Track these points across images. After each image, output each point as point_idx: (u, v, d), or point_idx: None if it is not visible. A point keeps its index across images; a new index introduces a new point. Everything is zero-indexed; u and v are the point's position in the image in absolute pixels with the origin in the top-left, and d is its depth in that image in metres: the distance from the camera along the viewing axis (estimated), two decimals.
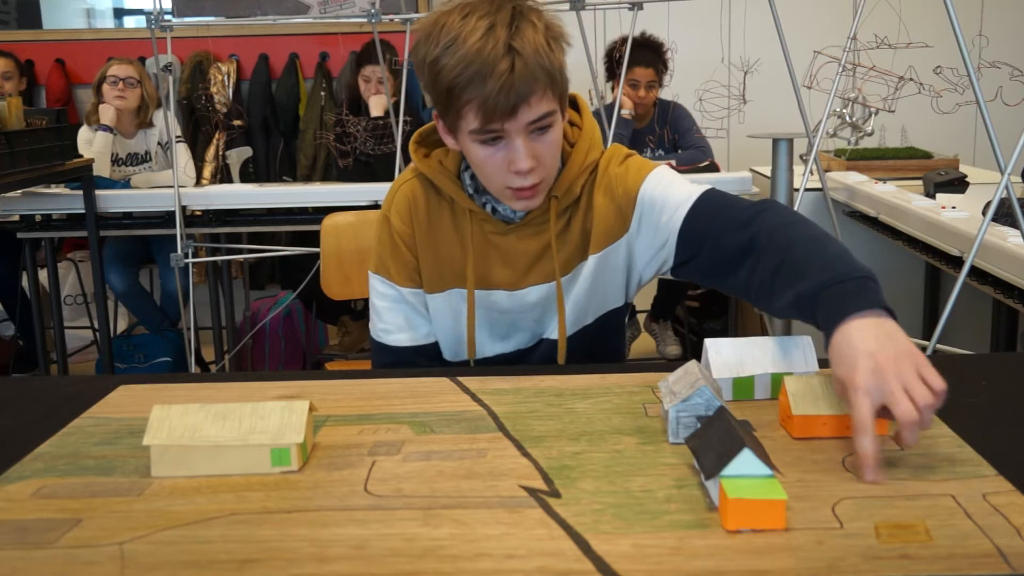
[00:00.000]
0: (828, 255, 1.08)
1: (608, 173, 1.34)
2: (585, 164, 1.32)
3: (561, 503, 0.84)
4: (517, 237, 1.35)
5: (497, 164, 1.22)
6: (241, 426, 0.94)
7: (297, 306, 3.93)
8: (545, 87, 1.17)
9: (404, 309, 1.40)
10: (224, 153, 4.52)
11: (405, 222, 1.38)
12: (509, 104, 1.15)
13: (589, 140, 1.33)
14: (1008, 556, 0.72)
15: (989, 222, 1.82)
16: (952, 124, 4.01)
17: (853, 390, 0.91)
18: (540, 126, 1.20)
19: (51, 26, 4.87)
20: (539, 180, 1.23)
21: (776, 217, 1.20)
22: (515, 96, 1.14)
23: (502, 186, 1.25)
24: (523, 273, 1.36)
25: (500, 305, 1.38)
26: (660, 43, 3.79)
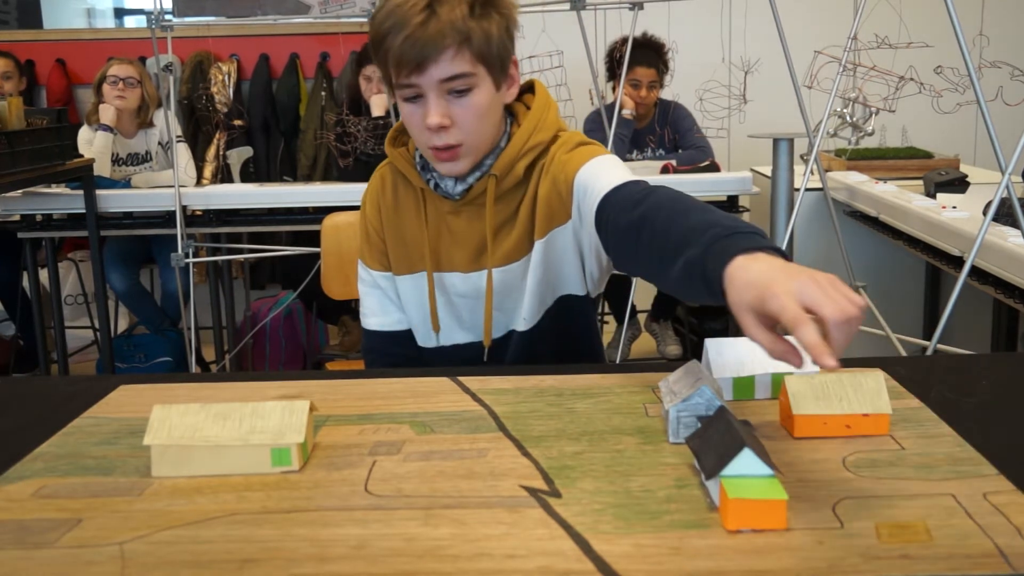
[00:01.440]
0: (714, 219, 1.02)
1: (556, 159, 1.33)
2: (528, 145, 1.32)
3: (561, 503, 0.84)
4: (467, 218, 1.37)
5: (418, 122, 1.26)
6: (241, 426, 0.94)
7: (297, 306, 3.94)
8: (459, 47, 1.21)
9: (377, 294, 1.47)
10: (224, 153, 4.52)
11: (374, 208, 1.44)
12: (416, 56, 1.19)
13: (536, 122, 1.34)
14: (1009, 556, 0.72)
15: (990, 222, 1.82)
16: (953, 124, 4.01)
17: (773, 295, 0.83)
18: (456, 87, 1.23)
19: (51, 26, 4.87)
20: (456, 142, 1.26)
21: (665, 195, 1.15)
22: (422, 49, 1.19)
23: (425, 146, 1.28)
24: (475, 255, 1.38)
25: (457, 288, 1.41)
26: (661, 43, 3.79)
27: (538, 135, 1.34)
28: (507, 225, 1.37)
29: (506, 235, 1.37)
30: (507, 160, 1.32)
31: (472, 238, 1.37)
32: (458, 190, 1.35)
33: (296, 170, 4.61)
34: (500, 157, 1.32)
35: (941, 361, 1.48)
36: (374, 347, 1.48)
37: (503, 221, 1.37)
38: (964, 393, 1.11)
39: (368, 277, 1.47)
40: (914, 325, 3.32)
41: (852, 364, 1.21)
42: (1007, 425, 1.02)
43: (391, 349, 1.47)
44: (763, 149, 3.17)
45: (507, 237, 1.37)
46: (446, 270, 1.40)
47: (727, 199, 3.43)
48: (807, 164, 2.63)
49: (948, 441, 0.96)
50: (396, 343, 1.47)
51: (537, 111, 1.35)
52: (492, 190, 1.33)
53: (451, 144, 1.26)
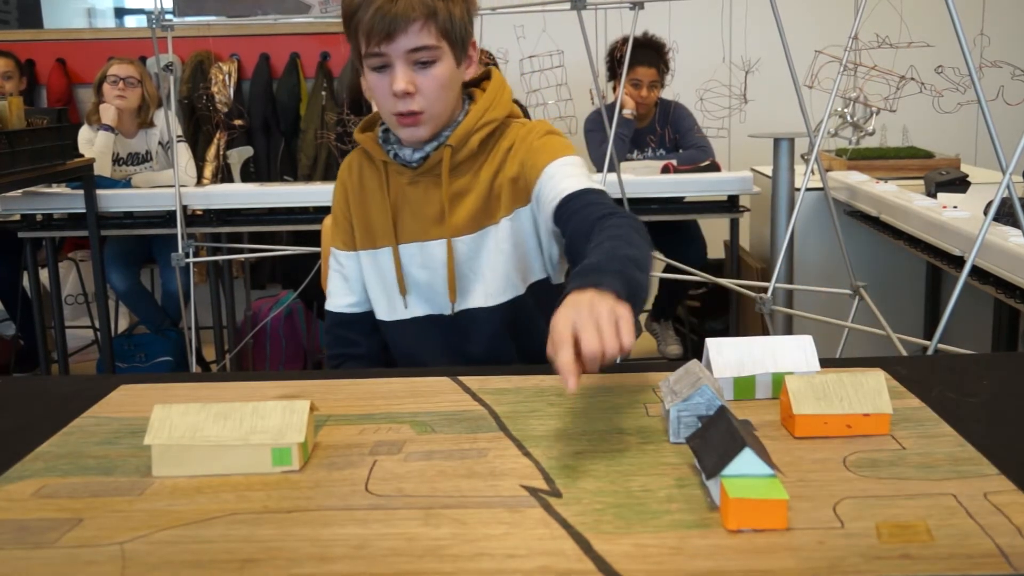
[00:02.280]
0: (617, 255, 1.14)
1: (527, 143, 1.43)
2: (483, 120, 1.43)
3: (562, 503, 0.84)
4: (424, 188, 1.45)
5: (384, 90, 1.35)
6: (242, 426, 0.94)
7: (298, 306, 3.93)
8: (426, 21, 1.31)
9: (336, 276, 1.55)
10: (225, 153, 4.52)
11: (342, 192, 1.54)
12: (386, 27, 1.30)
13: (491, 100, 1.45)
14: (1009, 556, 0.72)
15: (990, 222, 1.82)
16: (953, 123, 4.01)
17: (556, 318, 0.97)
18: (421, 59, 1.33)
19: (52, 25, 4.87)
20: (419, 109, 1.36)
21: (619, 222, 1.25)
22: (391, 20, 1.30)
23: (390, 113, 1.38)
24: (431, 225, 1.46)
25: (415, 259, 1.48)
26: (662, 43, 3.79)
27: (492, 112, 1.44)
28: (464, 196, 1.45)
29: (462, 206, 1.44)
30: (462, 132, 1.42)
31: (428, 208, 1.45)
32: (416, 158, 1.43)
33: (296, 170, 4.61)
34: (456, 129, 1.42)
35: (942, 361, 1.48)
36: (329, 328, 1.58)
37: (459, 192, 1.45)
38: (965, 393, 1.11)
39: (334, 262, 1.56)
40: (915, 325, 3.32)
41: (853, 364, 1.21)
42: (1008, 425, 1.02)
43: (340, 331, 1.56)
44: (764, 149, 3.17)
45: (463, 208, 1.44)
46: (405, 241, 1.48)
47: (728, 199, 3.43)
48: (808, 164, 2.63)
49: (949, 441, 0.96)
50: (345, 325, 1.55)
51: (492, 91, 1.46)
52: (447, 160, 1.42)
53: (414, 110, 1.36)
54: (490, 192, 1.43)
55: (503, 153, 1.44)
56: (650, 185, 3.41)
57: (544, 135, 1.44)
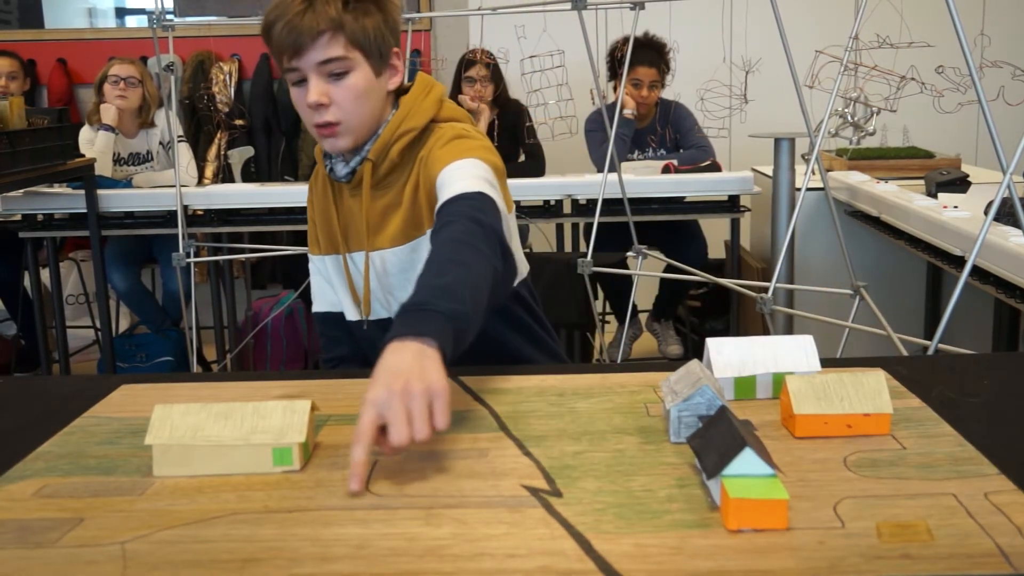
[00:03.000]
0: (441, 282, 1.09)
1: (431, 153, 1.41)
2: (400, 131, 1.42)
3: (563, 503, 0.84)
4: (359, 200, 1.46)
5: (302, 103, 1.37)
6: (243, 426, 0.94)
7: (299, 305, 3.93)
8: (333, 33, 1.33)
9: (318, 279, 1.59)
10: (226, 153, 4.52)
11: (309, 200, 1.58)
12: (294, 41, 1.32)
13: (408, 109, 1.44)
14: (1009, 555, 0.72)
15: (991, 222, 1.82)
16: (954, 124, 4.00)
17: (363, 402, 0.92)
18: (333, 70, 1.35)
19: (53, 25, 4.87)
20: (335, 120, 1.36)
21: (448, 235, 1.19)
22: (298, 35, 1.32)
23: (311, 125, 1.39)
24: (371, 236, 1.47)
25: (359, 267, 1.50)
26: (663, 43, 3.79)
27: (409, 121, 1.43)
28: (393, 209, 1.45)
29: (391, 218, 1.45)
30: (380, 145, 1.42)
31: (363, 219, 1.47)
32: (344, 173, 1.45)
33: (297, 170, 4.61)
34: (375, 143, 1.42)
35: (942, 361, 1.48)
36: (319, 330, 1.62)
37: (388, 204, 1.45)
38: (965, 393, 1.11)
39: (312, 267, 1.59)
40: (915, 325, 3.32)
41: (853, 364, 1.21)
42: (1008, 425, 1.02)
43: (326, 330, 1.59)
44: (764, 149, 3.17)
45: (392, 220, 1.45)
46: (355, 250, 1.51)
47: (728, 199, 3.43)
48: (808, 164, 2.63)
49: (949, 441, 0.96)
50: (329, 324, 1.59)
51: (410, 99, 1.45)
52: (368, 174, 1.43)
53: (330, 121, 1.37)
54: (414, 203, 1.43)
55: (419, 163, 1.43)
56: (651, 185, 3.41)
57: (448, 141, 1.40)
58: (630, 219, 3.04)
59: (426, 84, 1.48)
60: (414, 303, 1.05)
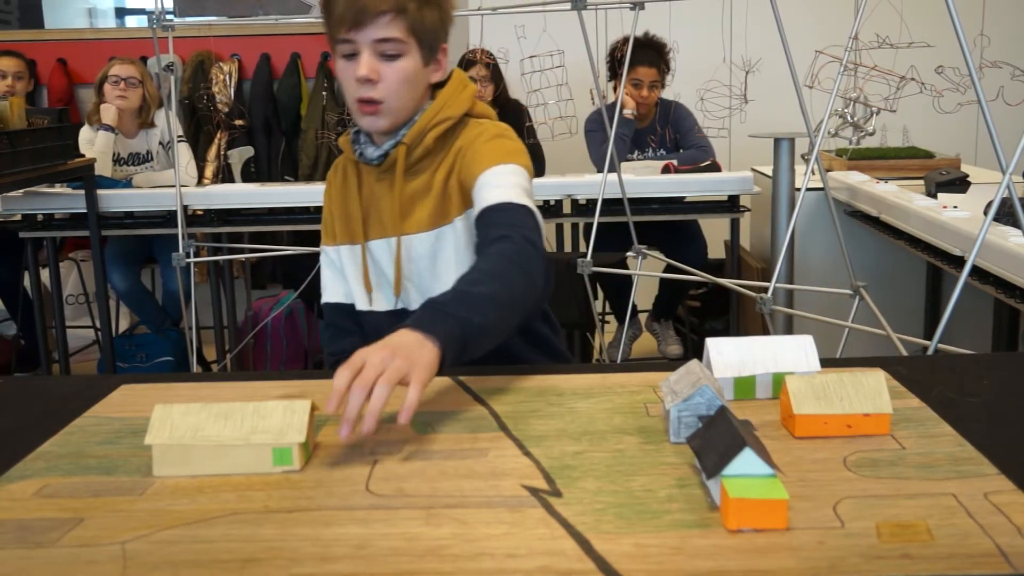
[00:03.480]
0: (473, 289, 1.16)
1: (473, 147, 1.44)
2: (437, 118, 1.46)
3: (563, 503, 0.84)
4: (388, 185, 1.48)
5: (350, 76, 1.40)
6: (243, 426, 0.94)
7: (298, 305, 3.93)
8: (395, 16, 1.36)
9: (328, 271, 1.60)
10: (226, 153, 4.52)
11: (328, 192, 1.60)
12: (356, 15, 1.35)
13: (446, 99, 1.48)
14: (1009, 555, 0.72)
15: (990, 222, 1.82)
16: (953, 124, 4.00)
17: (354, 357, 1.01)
18: (387, 51, 1.38)
19: (53, 26, 4.88)
20: (380, 98, 1.39)
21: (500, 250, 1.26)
22: (362, 10, 1.35)
23: (353, 99, 1.41)
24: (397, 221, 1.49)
25: (382, 254, 1.51)
26: (663, 43, 3.79)
27: (447, 111, 1.47)
28: (423, 194, 1.47)
29: (421, 203, 1.47)
30: (417, 130, 1.45)
31: (392, 205, 1.49)
32: (376, 156, 1.47)
33: (297, 170, 4.61)
34: (412, 127, 1.45)
35: (942, 361, 1.48)
36: (328, 321, 1.62)
37: (418, 190, 1.48)
38: (965, 393, 1.11)
39: (325, 258, 1.61)
40: (915, 325, 3.32)
41: (853, 364, 1.21)
42: (1008, 425, 1.03)
43: (336, 320, 1.60)
44: (764, 149, 3.17)
45: (422, 205, 1.47)
46: (376, 237, 1.52)
47: (728, 199, 3.43)
48: (808, 164, 2.63)
49: (949, 441, 0.96)
50: (339, 314, 1.59)
51: (449, 90, 1.49)
52: (402, 157, 1.45)
53: (374, 99, 1.39)
54: (444, 191, 1.46)
55: (453, 155, 1.46)
56: (650, 185, 3.41)
57: (491, 139, 1.44)
58: (630, 219, 3.04)
59: (462, 79, 1.52)
60: (436, 302, 1.12)
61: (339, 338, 1.59)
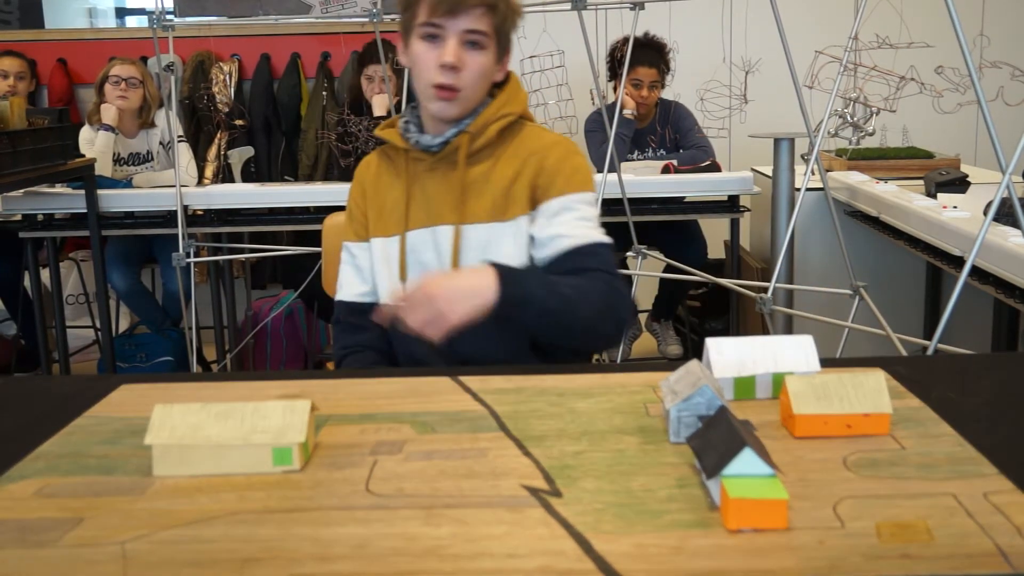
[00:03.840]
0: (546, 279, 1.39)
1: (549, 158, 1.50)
2: (501, 112, 1.52)
3: (562, 502, 0.84)
4: (442, 174, 1.52)
5: (430, 60, 1.44)
6: (243, 425, 0.94)
7: (298, 306, 3.93)
8: (486, 10, 1.43)
9: (350, 269, 1.62)
10: (226, 153, 4.52)
11: (359, 188, 1.62)
12: (452, 3, 1.41)
13: (509, 96, 1.54)
14: (1009, 555, 0.72)
15: (990, 222, 1.82)
16: (953, 124, 4.01)
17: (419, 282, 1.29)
18: (473, 40, 1.44)
19: (53, 26, 4.87)
20: (459, 86, 1.44)
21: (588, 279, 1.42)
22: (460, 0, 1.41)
23: (429, 83, 1.45)
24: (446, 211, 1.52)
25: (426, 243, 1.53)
26: (663, 43, 3.78)
27: (509, 106, 1.53)
28: (480, 186, 1.51)
29: (479, 195, 1.51)
30: (482, 121, 1.50)
31: (445, 194, 1.52)
32: (436, 142, 1.51)
33: (297, 170, 4.61)
34: (476, 118, 1.50)
35: (942, 361, 1.48)
36: (338, 318, 1.63)
37: (475, 181, 1.51)
38: (965, 393, 1.11)
39: (344, 254, 1.63)
40: (914, 325, 3.32)
41: (852, 364, 1.21)
42: (1007, 425, 1.03)
43: (349, 318, 1.61)
44: (764, 149, 3.17)
45: (481, 197, 1.50)
46: (417, 227, 1.54)
47: (728, 199, 3.43)
48: (808, 164, 2.63)
49: (949, 441, 0.96)
50: (356, 313, 1.60)
51: (510, 89, 1.56)
52: (466, 146, 1.50)
53: (454, 86, 1.44)
54: (508, 190, 1.50)
55: (523, 156, 1.51)
56: (650, 185, 3.41)
57: (569, 156, 1.52)
58: (630, 219, 3.04)
59: (518, 82, 1.59)
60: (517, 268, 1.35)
61: (351, 334, 1.60)
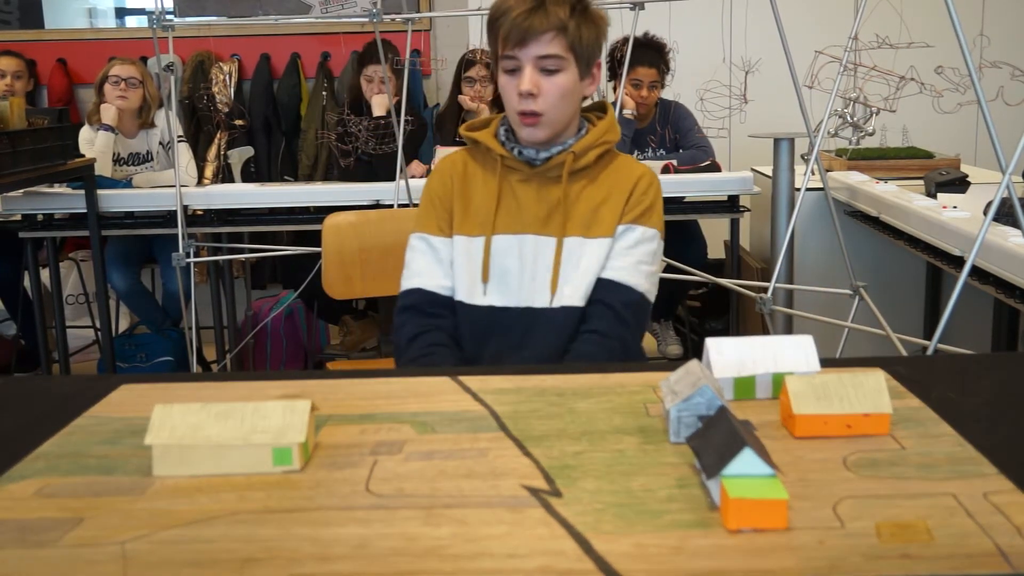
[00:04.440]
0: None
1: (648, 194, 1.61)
2: (603, 139, 1.61)
3: (562, 503, 0.84)
4: (536, 186, 1.60)
5: (512, 89, 1.53)
6: (243, 425, 0.94)
7: (298, 306, 3.93)
8: (556, 34, 1.49)
9: (427, 258, 1.65)
10: (226, 153, 4.52)
11: (444, 182, 1.67)
12: (521, 34, 1.48)
13: (609, 125, 1.63)
14: (1009, 555, 0.72)
15: (990, 222, 1.82)
16: (953, 124, 4.00)
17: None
18: (548, 66, 1.51)
19: (53, 26, 4.87)
20: (540, 111, 1.52)
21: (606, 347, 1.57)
22: (527, 29, 1.48)
23: (514, 111, 1.54)
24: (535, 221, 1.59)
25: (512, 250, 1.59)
26: (662, 43, 3.78)
27: (609, 135, 1.62)
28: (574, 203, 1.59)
29: (567, 210, 1.59)
30: (586, 144, 1.59)
31: (538, 206, 1.60)
32: (541, 156, 1.59)
33: (297, 170, 4.61)
34: (581, 140, 1.59)
35: (942, 361, 1.48)
36: (414, 304, 1.64)
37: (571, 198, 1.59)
38: (965, 393, 1.11)
39: (421, 244, 1.66)
40: (914, 325, 3.32)
41: (852, 364, 1.21)
42: (1008, 425, 1.03)
43: (427, 308, 1.63)
44: (764, 149, 3.17)
45: (569, 213, 1.59)
46: (504, 232, 1.60)
47: (728, 199, 3.43)
48: (808, 164, 2.63)
49: (949, 441, 0.96)
50: (436, 304, 1.63)
51: (610, 120, 1.65)
52: (569, 164, 1.58)
53: (535, 111, 1.52)
54: (597, 209, 1.59)
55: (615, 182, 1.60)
56: None
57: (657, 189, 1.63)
58: None
59: (613, 113, 1.67)
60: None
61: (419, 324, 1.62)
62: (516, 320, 1.60)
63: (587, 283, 1.59)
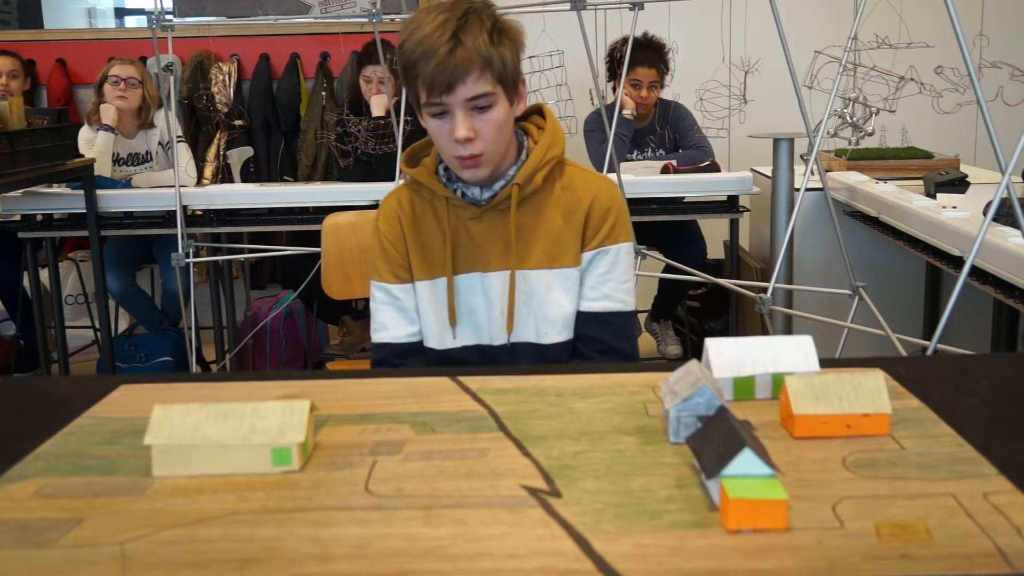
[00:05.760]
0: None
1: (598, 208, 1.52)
2: (546, 158, 1.51)
3: (562, 503, 0.84)
4: (488, 222, 1.52)
5: (444, 135, 1.43)
6: (242, 426, 0.94)
7: (298, 306, 3.93)
8: (482, 71, 1.39)
9: (390, 309, 1.58)
10: (225, 153, 4.52)
11: (392, 224, 1.58)
12: (446, 81, 1.37)
13: (551, 138, 1.53)
14: (1009, 556, 0.72)
15: (990, 222, 1.82)
16: (953, 124, 4.01)
17: None
18: (479, 104, 1.41)
19: (52, 26, 4.87)
20: (479, 152, 1.43)
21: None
22: (451, 74, 1.37)
23: (451, 156, 1.45)
24: (494, 257, 1.52)
25: (475, 288, 1.54)
26: (662, 43, 3.79)
27: (552, 150, 1.52)
28: (531, 232, 1.52)
29: (531, 242, 1.52)
30: (528, 171, 1.50)
31: (493, 242, 1.52)
32: (485, 196, 1.51)
33: (296, 170, 4.61)
34: (522, 168, 1.50)
35: (941, 361, 1.48)
36: (384, 359, 1.58)
37: (525, 227, 1.52)
38: (964, 393, 1.11)
39: (381, 294, 1.58)
40: (914, 325, 3.32)
41: (852, 364, 1.21)
42: (1007, 425, 1.03)
43: (399, 361, 1.57)
44: (763, 149, 3.17)
45: (532, 244, 1.52)
46: (464, 271, 1.53)
47: (727, 199, 3.44)
48: (807, 164, 2.63)
49: (948, 441, 0.96)
50: (405, 355, 1.57)
51: (550, 129, 1.54)
52: (515, 197, 1.49)
53: (475, 154, 1.43)
54: (557, 237, 1.52)
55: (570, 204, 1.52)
56: (650, 185, 3.41)
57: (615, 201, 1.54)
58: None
59: (554, 119, 1.57)
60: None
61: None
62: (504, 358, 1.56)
63: (564, 316, 1.53)
